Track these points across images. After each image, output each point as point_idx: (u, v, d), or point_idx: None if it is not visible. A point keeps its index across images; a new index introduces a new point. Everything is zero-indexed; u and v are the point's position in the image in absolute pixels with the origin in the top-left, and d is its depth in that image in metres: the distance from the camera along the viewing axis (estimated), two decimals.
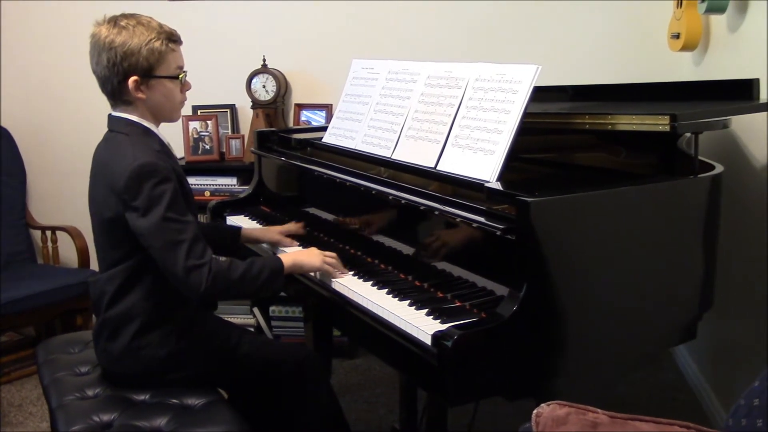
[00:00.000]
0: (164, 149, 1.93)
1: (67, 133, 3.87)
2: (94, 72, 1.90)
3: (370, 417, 2.90)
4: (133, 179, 1.77)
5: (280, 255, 1.98)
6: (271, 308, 3.55)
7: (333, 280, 1.93)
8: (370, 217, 2.09)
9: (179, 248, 1.77)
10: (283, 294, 2.05)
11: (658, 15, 3.18)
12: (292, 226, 2.34)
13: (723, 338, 2.67)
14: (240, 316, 3.55)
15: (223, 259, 1.87)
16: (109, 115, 1.95)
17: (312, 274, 2.01)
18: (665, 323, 1.81)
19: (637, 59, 3.35)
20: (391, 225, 2.00)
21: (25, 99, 3.88)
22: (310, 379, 2.12)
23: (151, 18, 1.91)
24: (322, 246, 2.17)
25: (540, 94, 1.80)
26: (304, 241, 2.27)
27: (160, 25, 1.90)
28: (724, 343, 2.69)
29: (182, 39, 1.96)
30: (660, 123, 1.71)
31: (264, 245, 2.31)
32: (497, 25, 3.45)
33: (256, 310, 3.56)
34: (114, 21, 1.87)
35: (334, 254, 2.00)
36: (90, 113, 3.52)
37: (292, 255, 1.99)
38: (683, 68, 3.23)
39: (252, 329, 3.51)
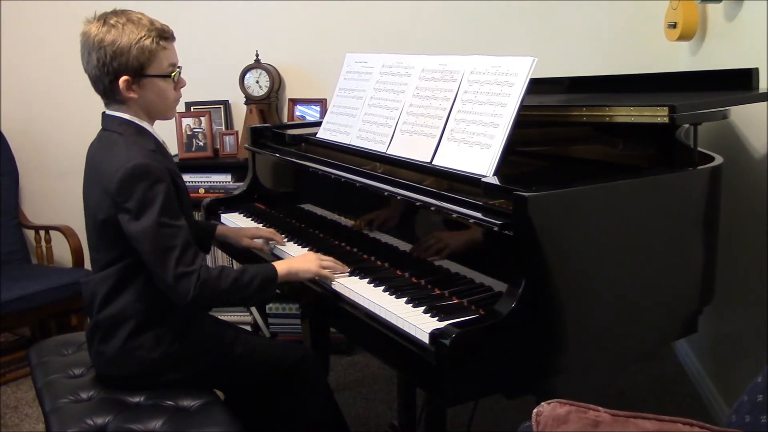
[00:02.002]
0: (159, 148, 1.90)
1: (60, 132, 3.84)
2: (86, 71, 1.87)
3: (368, 414, 2.88)
4: (126, 180, 1.74)
5: (275, 263, 1.94)
6: (269, 305, 3.52)
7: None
8: (366, 213, 2.07)
9: (170, 254, 1.74)
10: (278, 291, 2.03)
11: (655, 4, 3.15)
12: (264, 231, 2.26)
13: (723, 331, 2.65)
14: (237, 313, 3.53)
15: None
16: (103, 113, 1.92)
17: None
18: (666, 318, 1.79)
19: (634, 49, 3.33)
20: (387, 221, 1.98)
21: (18, 98, 3.84)
22: (307, 378, 2.10)
23: (142, 15, 1.87)
24: (317, 243, 2.15)
25: (535, 86, 1.78)
26: (299, 239, 2.24)
27: (152, 22, 1.86)
28: (724, 336, 2.68)
29: (175, 35, 1.93)
30: (659, 114, 1.69)
31: (258, 241, 2.27)
32: (492, 17, 3.42)
33: (253, 308, 3.53)
34: (104, 19, 1.83)
35: (331, 258, 1.94)
36: (83, 112, 3.49)
37: (288, 262, 1.95)
38: (680, 58, 3.20)
39: (249, 327, 3.49)
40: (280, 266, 1.91)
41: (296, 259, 1.98)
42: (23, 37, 3.77)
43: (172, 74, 1.90)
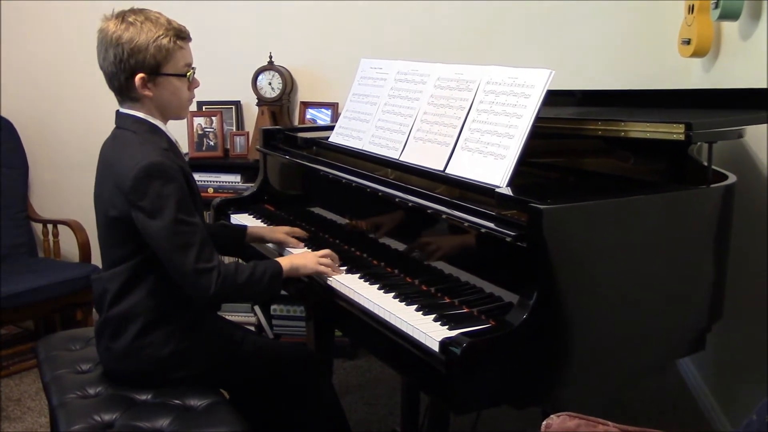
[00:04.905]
0: (172, 147, 1.92)
1: (70, 125, 3.84)
2: (101, 68, 1.89)
3: (370, 418, 2.88)
4: (140, 179, 1.75)
5: (277, 258, 1.98)
6: (273, 307, 3.53)
7: (340, 282, 1.91)
8: (376, 219, 2.07)
9: (189, 251, 1.76)
10: (284, 293, 2.04)
11: (669, 20, 3.16)
12: (297, 230, 2.30)
13: (725, 345, 2.65)
14: (241, 314, 3.53)
15: (228, 260, 1.86)
16: (117, 111, 1.93)
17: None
18: (675, 334, 1.80)
19: (646, 64, 3.33)
20: (397, 227, 1.99)
21: (29, 90, 3.85)
22: (313, 379, 2.11)
23: (160, 14, 1.89)
24: (327, 247, 2.15)
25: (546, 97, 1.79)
26: (310, 242, 2.25)
27: (169, 22, 1.88)
28: (726, 350, 2.68)
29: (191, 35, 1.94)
30: (674, 131, 1.69)
31: (270, 245, 2.29)
32: (505, 28, 3.43)
33: (257, 308, 3.54)
34: (122, 16, 1.85)
35: (328, 252, 2.00)
36: (95, 107, 3.50)
37: (289, 258, 2.00)
38: (692, 74, 3.21)
39: (253, 328, 3.49)
40: (283, 262, 1.96)
41: (296, 256, 2.04)
42: (37, 32, 3.78)
43: (187, 74, 1.91)
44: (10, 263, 3.44)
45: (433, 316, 1.63)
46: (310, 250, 2.10)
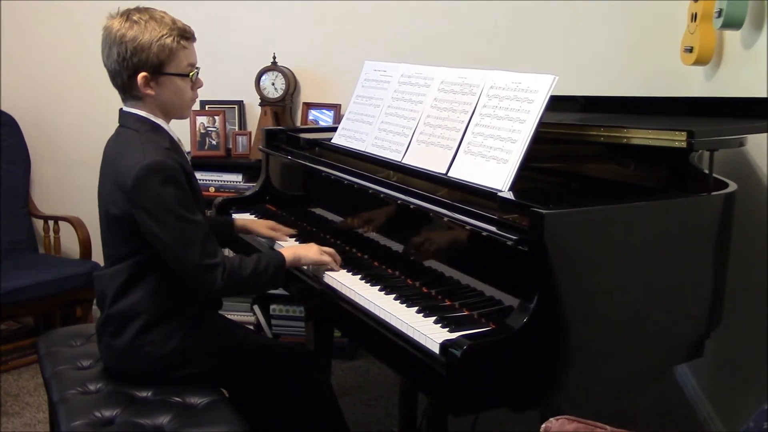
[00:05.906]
0: (174, 146, 1.92)
1: (73, 122, 3.85)
2: (105, 65, 1.90)
3: (368, 420, 2.89)
4: (142, 178, 1.76)
5: (280, 249, 1.99)
6: (272, 307, 3.54)
7: (341, 283, 1.92)
8: (378, 220, 2.08)
9: (192, 248, 1.77)
10: (285, 293, 2.05)
11: (672, 28, 3.17)
12: (279, 225, 2.35)
13: (723, 352, 2.66)
14: (240, 313, 3.54)
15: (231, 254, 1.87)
16: (120, 109, 1.94)
17: (307, 268, 2.04)
18: (674, 340, 1.81)
19: (648, 72, 3.34)
20: (398, 230, 2.00)
21: (32, 86, 3.85)
22: (311, 379, 2.12)
23: (164, 13, 1.90)
24: (329, 247, 2.16)
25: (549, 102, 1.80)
26: (300, 238, 2.26)
27: (174, 21, 1.89)
28: (722, 357, 2.69)
29: (195, 35, 1.95)
30: (676, 139, 1.70)
31: (261, 239, 2.33)
32: (511, 32, 3.44)
33: (256, 308, 3.54)
34: (127, 15, 1.86)
35: (331, 250, 2.03)
36: (98, 103, 3.51)
37: (293, 249, 2.02)
38: (694, 82, 3.22)
39: (251, 327, 3.50)
40: (286, 252, 1.99)
41: (299, 246, 2.07)
42: (40, 27, 3.79)
43: (190, 74, 1.92)
44: (10, 259, 3.45)
45: (434, 318, 1.64)
46: (313, 243, 2.11)
